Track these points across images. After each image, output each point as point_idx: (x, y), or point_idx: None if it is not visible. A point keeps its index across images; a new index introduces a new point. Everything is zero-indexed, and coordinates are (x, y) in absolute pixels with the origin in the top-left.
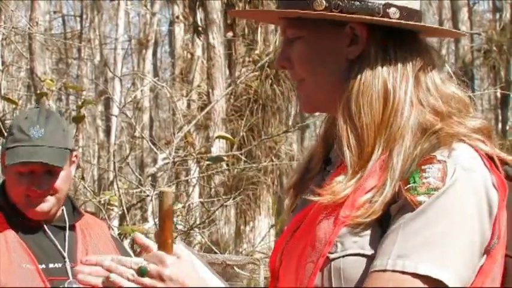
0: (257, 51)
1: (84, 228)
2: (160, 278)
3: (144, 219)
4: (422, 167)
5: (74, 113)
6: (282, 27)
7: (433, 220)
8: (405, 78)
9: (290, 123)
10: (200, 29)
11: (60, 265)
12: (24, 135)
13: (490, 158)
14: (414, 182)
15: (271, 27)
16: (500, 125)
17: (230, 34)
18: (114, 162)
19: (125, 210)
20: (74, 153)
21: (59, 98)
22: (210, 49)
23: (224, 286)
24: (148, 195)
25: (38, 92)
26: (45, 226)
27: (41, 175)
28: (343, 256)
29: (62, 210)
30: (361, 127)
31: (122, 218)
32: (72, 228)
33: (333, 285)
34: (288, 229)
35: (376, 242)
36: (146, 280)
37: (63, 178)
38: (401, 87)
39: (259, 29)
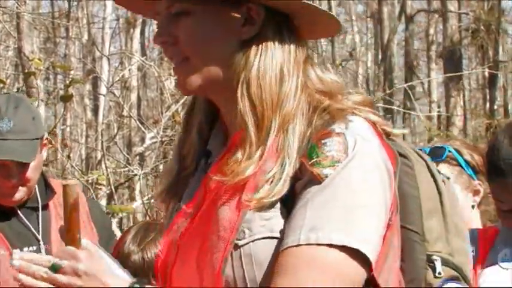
0: None
1: (58, 204)
2: (76, 273)
3: (132, 198)
4: (322, 141)
5: (61, 92)
6: (166, 3)
7: (341, 191)
8: (297, 62)
9: None
10: None
11: (34, 248)
12: None
13: (377, 129)
14: (317, 157)
15: None
16: (488, 105)
17: None
18: (102, 142)
19: (113, 190)
20: (44, 136)
21: (46, 77)
22: None
23: (134, 280)
24: (136, 175)
25: (26, 71)
26: (17, 210)
27: (11, 167)
28: (253, 241)
29: (35, 189)
30: (261, 108)
31: (110, 197)
32: (46, 207)
33: (245, 272)
34: (175, 224)
35: (283, 222)
36: (62, 278)
37: (34, 167)
38: (295, 71)
39: None
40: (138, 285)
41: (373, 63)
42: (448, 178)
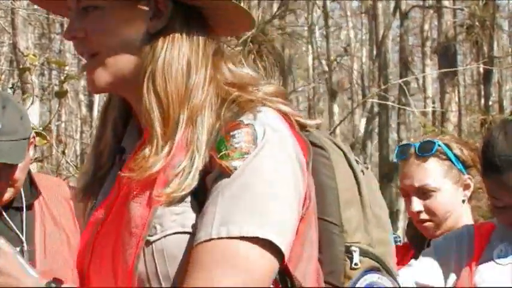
0: None
1: (44, 203)
2: None
3: None
4: (231, 133)
5: (56, 88)
6: None
7: (251, 183)
8: (206, 55)
9: None
10: None
11: (18, 249)
12: None
13: (289, 120)
14: (226, 149)
15: (254, 1)
16: (483, 101)
17: None
18: None
19: None
20: (31, 135)
21: (41, 73)
22: None
23: (50, 280)
24: None
25: (21, 67)
26: (1, 210)
27: (0, 169)
28: (164, 236)
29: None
30: (168, 101)
31: None
32: (31, 207)
33: (158, 268)
34: (91, 223)
35: (195, 217)
36: None
37: (21, 167)
38: (203, 63)
39: (242, 3)
40: (54, 285)
41: (368, 59)
42: (367, 168)
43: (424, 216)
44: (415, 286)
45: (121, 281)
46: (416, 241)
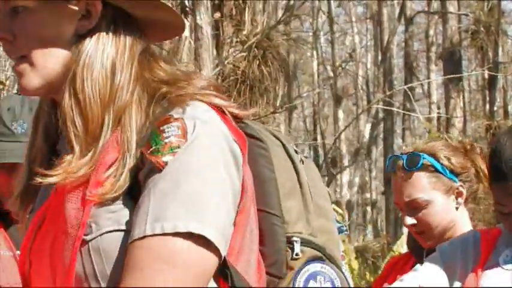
0: (245, 32)
1: None
2: None
3: None
4: (161, 128)
5: None
6: None
7: (183, 178)
8: (132, 55)
9: (278, 104)
10: (187, 9)
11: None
12: (6, 129)
13: (223, 112)
14: (156, 144)
15: (259, 7)
16: (488, 106)
17: (217, 15)
18: None
19: None
20: None
21: None
22: (197, 29)
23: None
24: None
25: None
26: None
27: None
28: (100, 235)
29: None
30: (86, 103)
31: None
32: None
33: (95, 267)
34: (31, 227)
35: (130, 214)
36: None
37: None
38: (128, 63)
39: (247, 9)
40: None
41: (372, 64)
42: (306, 157)
43: (418, 228)
44: None
45: (60, 282)
46: (417, 251)
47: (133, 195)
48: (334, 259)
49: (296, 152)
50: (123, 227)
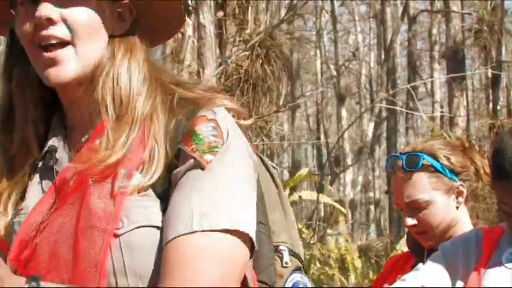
0: (248, 31)
1: None
2: None
3: None
4: (198, 127)
5: None
6: None
7: (227, 177)
8: (147, 57)
9: (281, 103)
10: (190, 8)
11: None
12: None
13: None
14: (197, 142)
15: (262, 6)
16: (491, 105)
17: (221, 14)
18: None
19: None
20: None
21: None
22: (200, 28)
23: (29, 278)
24: None
25: None
26: None
27: None
28: (131, 230)
29: None
30: (120, 99)
31: None
32: None
33: (125, 262)
34: (27, 224)
35: (160, 211)
36: None
37: None
38: (150, 67)
39: (250, 8)
40: (34, 284)
41: (376, 63)
42: (275, 168)
43: (419, 228)
44: None
45: (84, 276)
46: (417, 250)
47: (163, 191)
48: (305, 269)
49: (273, 167)
50: (154, 224)
